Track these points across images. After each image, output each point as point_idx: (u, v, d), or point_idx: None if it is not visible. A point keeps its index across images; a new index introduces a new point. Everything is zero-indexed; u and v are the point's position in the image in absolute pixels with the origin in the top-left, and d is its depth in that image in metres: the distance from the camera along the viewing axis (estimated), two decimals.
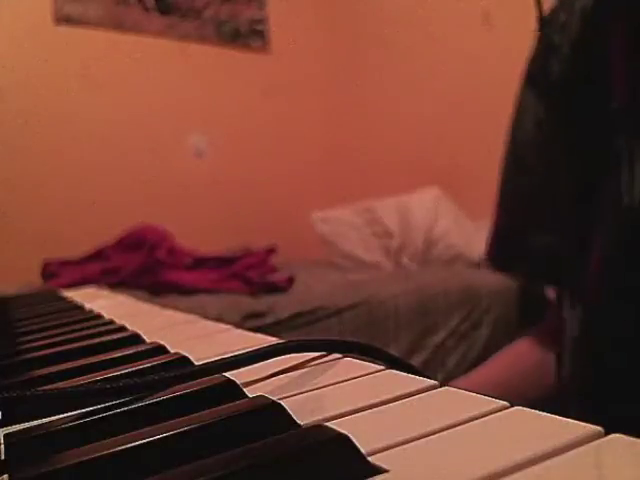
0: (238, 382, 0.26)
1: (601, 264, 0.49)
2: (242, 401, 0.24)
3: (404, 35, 2.65)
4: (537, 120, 0.55)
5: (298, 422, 0.21)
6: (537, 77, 0.55)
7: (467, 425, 0.20)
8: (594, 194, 0.50)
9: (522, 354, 0.62)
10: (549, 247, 0.54)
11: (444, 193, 2.29)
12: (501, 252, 0.61)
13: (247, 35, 2.85)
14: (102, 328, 0.46)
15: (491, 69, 2.25)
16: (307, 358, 0.31)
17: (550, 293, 0.63)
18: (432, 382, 0.25)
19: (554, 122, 0.53)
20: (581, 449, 0.17)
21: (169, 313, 0.55)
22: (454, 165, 2.45)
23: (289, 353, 0.30)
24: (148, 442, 0.20)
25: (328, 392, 0.25)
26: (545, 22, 0.55)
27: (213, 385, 0.25)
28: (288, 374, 0.29)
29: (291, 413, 0.22)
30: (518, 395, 0.57)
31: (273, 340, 0.35)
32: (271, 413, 0.22)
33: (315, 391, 0.26)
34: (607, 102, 0.49)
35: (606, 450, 0.17)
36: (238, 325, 0.43)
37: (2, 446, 0.22)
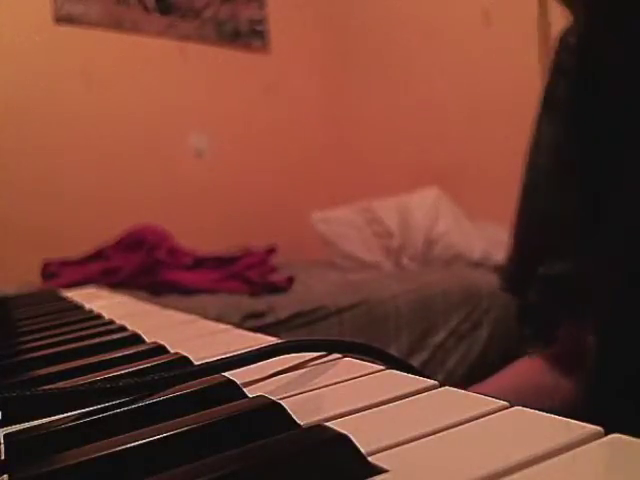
0: (238, 382, 0.26)
1: (610, 288, 0.49)
2: (242, 401, 0.24)
3: (404, 35, 2.65)
4: (552, 145, 0.55)
5: (298, 422, 0.21)
6: (552, 101, 0.56)
7: (467, 425, 0.20)
8: (603, 217, 0.50)
9: (533, 376, 0.62)
10: (564, 274, 0.55)
11: (444, 193, 2.29)
12: (516, 278, 0.62)
13: (247, 35, 2.85)
14: (102, 328, 0.46)
15: (491, 69, 2.25)
16: (307, 358, 0.31)
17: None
18: (432, 382, 0.25)
19: (566, 145, 0.53)
20: (581, 449, 0.17)
21: (169, 313, 0.55)
22: (454, 165, 2.45)
23: (289, 353, 0.30)
24: (148, 442, 0.20)
25: (328, 392, 0.25)
26: (558, 44, 0.55)
27: (213, 385, 0.25)
28: (288, 374, 0.29)
29: (291, 413, 0.22)
30: None
31: (273, 340, 0.35)
32: (271, 413, 0.22)
33: (315, 391, 0.26)
34: (610, 123, 0.49)
35: (606, 450, 0.17)
36: (238, 325, 0.43)
37: (2, 446, 0.22)
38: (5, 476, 0.19)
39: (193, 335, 0.42)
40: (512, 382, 0.61)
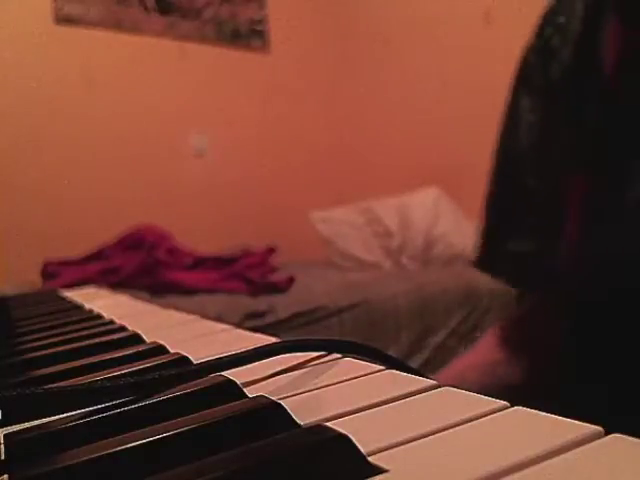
0: (238, 382, 0.26)
1: (594, 269, 0.49)
2: (242, 401, 0.24)
3: (404, 35, 2.65)
4: (533, 124, 0.54)
5: (298, 422, 0.21)
6: (534, 81, 0.55)
7: (467, 425, 0.20)
8: (590, 201, 0.50)
9: (481, 353, 0.63)
10: (533, 253, 0.55)
11: (444, 193, 2.29)
12: (486, 254, 0.62)
13: (247, 35, 2.85)
14: (102, 328, 0.46)
15: (491, 69, 2.25)
16: (307, 358, 0.31)
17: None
18: (432, 382, 0.25)
19: (554, 124, 0.52)
20: (581, 449, 0.17)
21: (169, 313, 0.55)
22: (454, 165, 2.45)
23: (287, 352, 0.30)
24: (148, 442, 0.20)
25: (328, 392, 0.25)
26: (543, 23, 0.54)
27: (213, 385, 0.25)
28: (288, 374, 0.29)
29: (291, 413, 0.22)
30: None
31: (273, 340, 0.35)
32: (271, 413, 0.22)
33: (315, 391, 0.26)
34: (606, 101, 0.48)
35: (606, 450, 0.17)
36: (238, 325, 0.43)
37: (2, 446, 0.22)
38: (5, 476, 0.19)
39: (193, 335, 0.42)
40: (464, 364, 0.63)
